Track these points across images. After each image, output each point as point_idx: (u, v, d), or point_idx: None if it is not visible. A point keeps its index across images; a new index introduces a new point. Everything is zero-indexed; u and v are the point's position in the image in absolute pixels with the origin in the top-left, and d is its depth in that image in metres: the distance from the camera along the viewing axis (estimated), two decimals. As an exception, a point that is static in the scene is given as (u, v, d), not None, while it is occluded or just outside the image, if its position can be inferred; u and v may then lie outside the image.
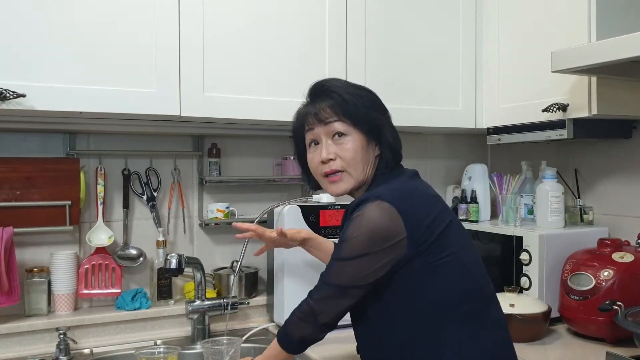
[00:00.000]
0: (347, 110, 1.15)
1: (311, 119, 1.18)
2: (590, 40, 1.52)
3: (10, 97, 1.33)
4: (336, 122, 1.15)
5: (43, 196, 1.65)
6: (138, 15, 1.49)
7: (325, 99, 1.17)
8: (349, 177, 1.16)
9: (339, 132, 1.15)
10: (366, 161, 1.17)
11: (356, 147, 1.15)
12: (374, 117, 1.17)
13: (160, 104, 1.52)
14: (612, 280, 1.54)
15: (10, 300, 1.57)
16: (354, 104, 1.16)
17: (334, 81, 1.22)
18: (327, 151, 1.16)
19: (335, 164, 1.16)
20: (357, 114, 1.16)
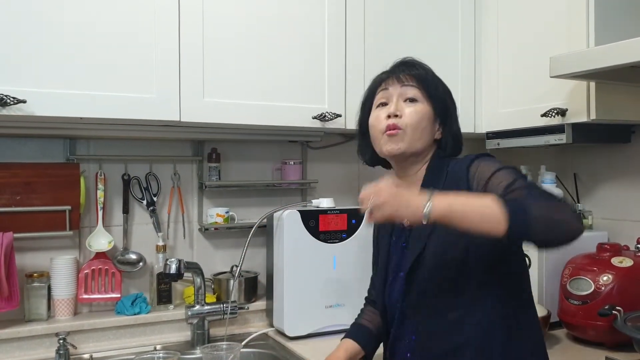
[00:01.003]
0: (426, 82, 1.20)
1: (390, 79, 1.21)
2: (589, 45, 1.53)
3: (10, 103, 1.34)
4: (412, 88, 1.19)
5: (43, 201, 1.65)
6: (138, 20, 1.49)
7: (410, 68, 1.22)
8: (405, 137, 1.16)
9: (412, 97, 1.19)
10: (427, 133, 1.18)
11: (423, 114, 1.18)
12: (445, 101, 1.22)
13: (160, 109, 1.52)
14: (612, 285, 1.54)
15: (10, 305, 1.57)
16: (433, 82, 1.22)
17: (421, 62, 1.26)
18: (396, 107, 1.18)
19: (399, 120, 1.17)
20: (435, 88, 1.20)
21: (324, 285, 1.74)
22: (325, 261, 1.75)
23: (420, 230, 1.13)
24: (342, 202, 2.03)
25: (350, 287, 1.78)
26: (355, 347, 1.32)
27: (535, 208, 0.96)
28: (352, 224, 1.79)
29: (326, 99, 1.74)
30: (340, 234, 1.78)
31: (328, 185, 2.09)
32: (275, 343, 1.73)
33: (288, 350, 1.65)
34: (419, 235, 1.15)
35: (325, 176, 2.09)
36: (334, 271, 1.76)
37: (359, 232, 1.80)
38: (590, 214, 1.92)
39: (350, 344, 1.32)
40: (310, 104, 1.72)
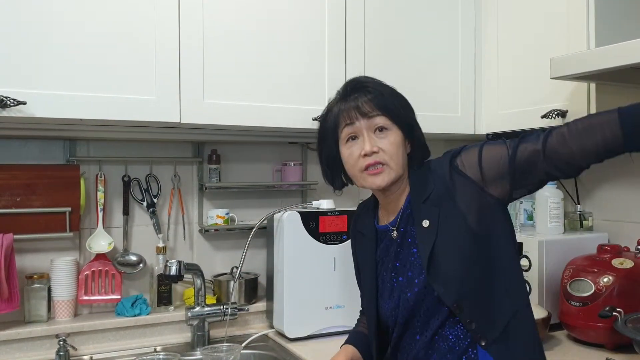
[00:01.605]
0: (386, 105, 1.17)
1: (352, 113, 1.17)
2: (589, 46, 1.53)
3: (10, 105, 1.34)
4: (378, 117, 1.16)
5: (43, 203, 1.65)
6: (138, 22, 1.49)
7: (364, 94, 1.17)
8: (390, 170, 1.16)
9: (381, 126, 1.16)
10: (403, 155, 1.18)
11: (397, 141, 1.16)
12: (407, 116, 1.20)
13: (161, 110, 1.52)
14: (612, 286, 1.53)
15: (10, 306, 1.57)
16: (391, 101, 1.18)
17: (369, 79, 1.23)
18: (371, 144, 1.15)
19: (378, 156, 1.15)
20: (395, 110, 1.18)
21: (324, 287, 1.74)
22: (326, 262, 1.75)
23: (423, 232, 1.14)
24: (342, 204, 2.03)
25: (351, 289, 1.77)
26: (355, 352, 1.32)
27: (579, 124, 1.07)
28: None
29: (326, 101, 1.71)
30: (340, 235, 1.78)
31: (328, 186, 2.07)
32: (275, 344, 1.73)
33: (288, 352, 1.65)
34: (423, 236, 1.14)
35: (325, 177, 2.08)
36: (334, 272, 1.76)
37: (359, 234, 1.80)
38: (590, 216, 1.92)
39: (350, 349, 1.32)
40: (310, 106, 1.71)
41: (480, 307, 1.10)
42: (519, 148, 1.09)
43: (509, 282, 1.13)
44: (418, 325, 1.15)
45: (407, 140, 1.20)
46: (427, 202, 1.15)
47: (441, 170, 1.16)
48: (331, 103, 1.23)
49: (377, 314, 1.24)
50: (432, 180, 1.16)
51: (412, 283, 1.14)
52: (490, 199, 1.11)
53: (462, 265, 1.10)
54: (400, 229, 1.19)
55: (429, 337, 1.14)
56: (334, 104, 1.22)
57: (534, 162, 1.07)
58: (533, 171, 1.08)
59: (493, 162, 1.10)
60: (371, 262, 1.26)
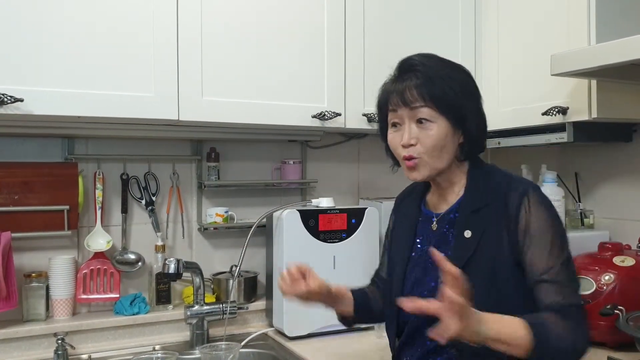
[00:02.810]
0: (434, 94, 1.08)
1: (395, 99, 1.10)
2: (590, 43, 1.52)
3: (7, 102, 1.33)
4: (422, 108, 1.08)
5: (41, 201, 1.64)
6: (136, 18, 1.49)
7: (412, 78, 1.09)
8: (424, 165, 1.10)
9: (424, 118, 1.09)
10: (448, 149, 1.10)
11: (440, 134, 1.08)
12: (461, 105, 1.09)
13: (159, 108, 1.51)
14: (613, 284, 1.52)
15: (8, 305, 1.56)
16: (442, 88, 1.08)
17: (425, 58, 1.13)
18: (409, 136, 1.09)
19: (414, 149, 1.09)
20: (445, 99, 1.08)
21: (323, 285, 1.73)
22: (325, 261, 1.74)
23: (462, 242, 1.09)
24: (341, 202, 2.03)
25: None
26: (349, 295, 1.27)
27: (557, 341, 0.99)
28: (352, 223, 1.79)
29: (325, 98, 1.74)
30: (340, 233, 1.77)
31: (328, 184, 2.08)
32: (274, 343, 1.72)
33: (288, 351, 1.64)
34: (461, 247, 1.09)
35: (324, 176, 2.08)
36: (333, 271, 1.75)
37: (358, 232, 1.79)
38: (591, 213, 1.91)
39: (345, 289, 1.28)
40: (310, 103, 1.71)
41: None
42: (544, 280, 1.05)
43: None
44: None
45: (459, 131, 1.11)
46: (477, 213, 1.09)
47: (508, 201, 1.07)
48: (386, 80, 1.17)
49: (402, 292, 1.17)
50: (491, 195, 1.09)
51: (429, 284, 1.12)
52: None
53: (485, 289, 1.04)
54: (441, 225, 1.14)
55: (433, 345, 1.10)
56: (387, 81, 1.17)
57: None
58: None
59: (534, 264, 1.06)
60: (409, 240, 1.19)
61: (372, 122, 1.80)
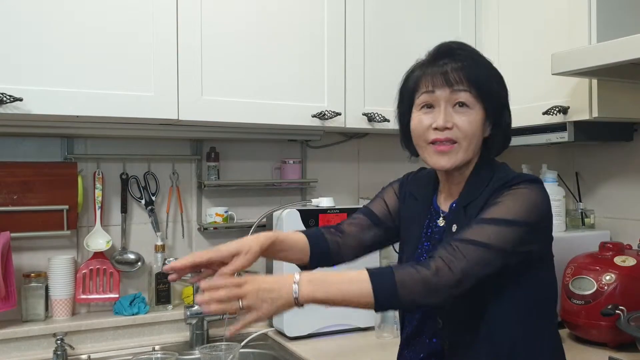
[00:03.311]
0: (478, 79, 1.04)
1: (437, 79, 1.04)
2: (590, 42, 1.51)
3: (7, 101, 1.33)
4: (464, 92, 1.03)
5: (40, 201, 1.64)
6: (136, 18, 1.48)
7: (456, 60, 1.05)
8: (460, 150, 1.04)
9: (463, 102, 1.03)
10: (478, 139, 1.06)
11: (477, 122, 1.04)
12: (501, 95, 1.07)
13: (159, 107, 1.51)
14: (614, 284, 1.52)
15: (8, 305, 1.56)
16: (486, 74, 1.05)
17: (462, 45, 1.09)
18: (446, 118, 1.03)
19: (452, 133, 1.03)
20: (487, 85, 1.04)
21: (323, 285, 1.73)
22: (325, 261, 1.73)
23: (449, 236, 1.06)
24: (341, 201, 2.02)
25: (351, 287, 1.76)
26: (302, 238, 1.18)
27: (401, 276, 0.93)
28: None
29: (326, 97, 1.73)
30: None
31: (328, 184, 2.08)
32: (274, 343, 1.71)
33: (288, 351, 1.63)
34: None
35: (324, 175, 2.07)
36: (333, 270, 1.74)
37: (359, 232, 1.78)
38: (592, 213, 1.91)
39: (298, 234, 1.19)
40: (310, 102, 1.70)
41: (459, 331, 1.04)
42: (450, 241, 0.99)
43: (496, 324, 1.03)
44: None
45: (489, 123, 1.07)
46: (466, 207, 1.06)
47: (492, 186, 1.04)
48: (415, 65, 1.11)
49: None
50: (484, 190, 1.05)
51: None
52: None
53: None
54: (446, 221, 1.12)
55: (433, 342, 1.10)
56: (417, 66, 1.10)
57: None
58: None
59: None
60: (417, 234, 1.15)
61: (372, 121, 1.79)
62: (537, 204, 1.02)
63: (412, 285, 0.93)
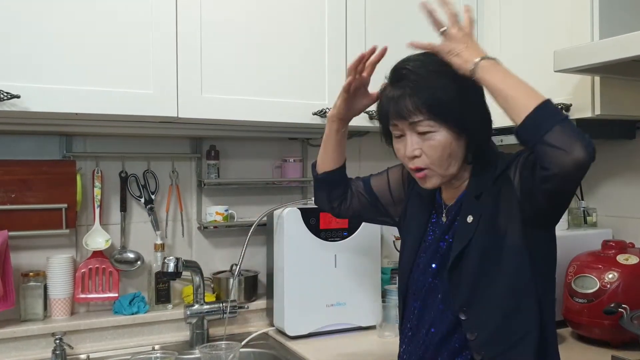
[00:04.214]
0: (430, 104, 1.03)
1: (393, 113, 1.07)
2: (593, 39, 1.50)
3: (4, 98, 1.31)
4: (421, 122, 1.04)
5: (39, 199, 1.63)
6: (135, 14, 1.47)
7: (407, 88, 1.05)
8: (433, 174, 1.08)
9: (425, 131, 1.05)
10: (456, 155, 1.07)
11: (444, 144, 1.05)
12: (459, 110, 1.05)
13: (158, 105, 1.50)
14: (617, 282, 1.51)
15: (6, 305, 1.54)
16: (435, 96, 1.03)
17: (417, 63, 1.09)
18: (412, 147, 1.06)
19: (419, 161, 1.06)
20: (442, 107, 1.03)
21: (324, 284, 1.72)
22: (326, 260, 1.73)
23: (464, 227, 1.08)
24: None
25: (352, 286, 1.76)
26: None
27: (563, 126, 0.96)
28: (353, 222, 1.77)
29: (326, 95, 1.72)
30: (341, 232, 1.75)
31: (328, 182, 2.06)
32: (275, 343, 1.70)
33: (288, 350, 1.63)
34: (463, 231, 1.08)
35: (325, 174, 2.06)
36: (335, 270, 1.74)
37: (360, 230, 1.78)
38: (594, 211, 1.90)
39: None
40: (310, 100, 1.69)
41: (487, 320, 1.05)
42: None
43: (528, 304, 1.05)
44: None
45: (462, 133, 1.06)
46: (478, 198, 1.08)
47: (500, 170, 1.07)
48: (381, 90, 1.14)
49: (407, 280, 1.18)
50: (490, 177, 1.07)
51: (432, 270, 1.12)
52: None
53: (484, 270, 1.04)
54: (450, 216, 1.13)
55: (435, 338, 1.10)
56: (386, 86, 1.13)
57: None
58: None
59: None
60: (421, 225, 1.18)
61: (373, 119, 1.78)
62: None
63: (570, 132, 0.97)
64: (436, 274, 1.12)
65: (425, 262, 1.15)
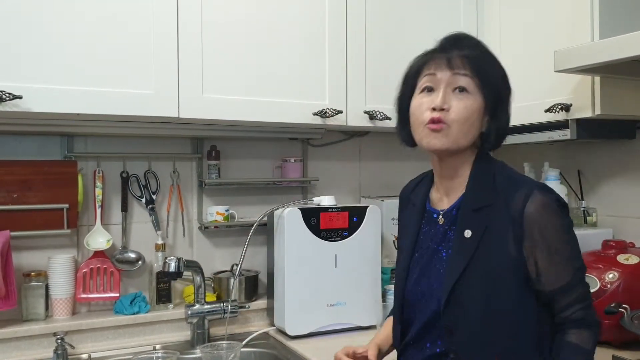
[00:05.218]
0: (481, 67, 1.05)
1: (438, 62, 1.06)
2: (593, 39, 1.51)
3: (6, 99, 1.32)
4: (465, 77, 1.04)
5: (40, 199, 1.63)
6: (136, 15, 1.47)
7: (464, 49, 1.06)
8: (449, 133, 1.04)
9: (463, 87, 1.04)
10: (474, 128, 1.06)
11: (473, 109, 1.04)
12: (501, 90, 1.08)
13: (159, 105, 1.50)
14: (618, 282, 1.51)
15: (8, 304, 1.55)
16: (491, 65, 1.07)
17: (470, 36, 1.11)
18: (444, 99, 1.03)
19: (445, 114, 1.04)
20: (491, 77, 1.06)
21: (325, 284, 1.72)
22: (327, 259, 1.73)
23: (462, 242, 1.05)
24: (343, 200, 2.02)
25: (352, 286, 1.76)
26: (387, 337, 1.26)
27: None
28: (354, 221, 1.77)
29: (327, 95, 1.73)
30: (341, 232, 1.76)
31: (329, 182, 2.07)
32: (276, 342, 1.71)
33: (289, 350, 1.63)
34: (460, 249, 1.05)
35: (326, 174, 2.07)
36: (335, 269, 1.74)
37: (360, 230, 1.78)
38: (594, 211, 1.90)
39: (382, 335, 1.27)
40: (311, 100, 1.70)
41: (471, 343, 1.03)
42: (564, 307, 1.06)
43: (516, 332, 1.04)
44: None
45: (486, 114, 1.06)
46: (478, 212, 1.05)
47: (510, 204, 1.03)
48: (422, 53, 1.13)
49: (404, 290, 1.15)
50: (494, 194, 1.05)
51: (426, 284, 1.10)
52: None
53: (485, 294, 1.02)
54: (444, 222, 1.11)
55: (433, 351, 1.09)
56: (424, 53, 1.12)
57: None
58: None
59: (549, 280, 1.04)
60: (413, 238, 1.16)
61: (373, 119, 1.79)
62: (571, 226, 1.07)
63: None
64: (430, 288, 1.09)
65: (418, 274, 1.13)
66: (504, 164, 1.13)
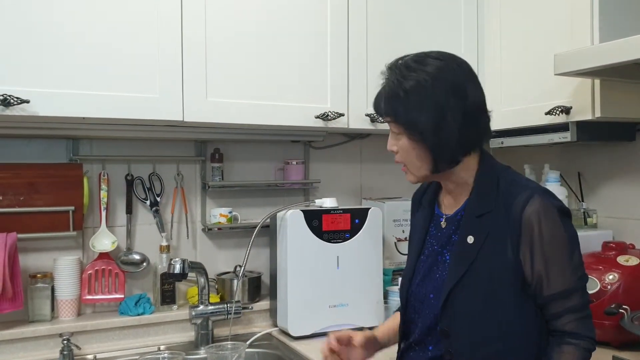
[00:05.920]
0: (395, 109, 1.07)
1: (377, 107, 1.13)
2: (593, 42, 1.52)
3: (14, 103, 1.34)
4: (391, 123, 1.10)
5: (46, 202, 1.65)
6: (141, 19, 1.49)
7: (386, 87, 1.09)
8: (410, 170, 1.11)
9: (396, 132, 1.10)
10: (422, 159, 1.08)
11: (406, 147, 1.08)
12: (415, 122, 1.04)
13: (164, 109, 1.52)
14: (618, 283, 1.52)
15: (14, 306, 1.56)
16: (405, 103, 1.05)
17: (400, 65, 1.08)
18: (390, 143, 1.12)
19: (398, 156, 1.12)
20: (405, 116, 1.06)
21: (327, 285, 1.74)
22: (329, 261, 1.75)
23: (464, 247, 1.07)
24: (345, 202, 2.03)
25: (354, 287, 1.77)
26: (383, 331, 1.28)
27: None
28: (356, 223, 1.79)
29: (329, 99, 1.74)
30: (343, 233, 1.77)
31: (331, 185, 2.08)
32: (279, 343, 1.72)
33: (292, 350, 1.64)
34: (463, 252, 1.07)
35: (327, 176, 2.08)
36: (337, 271, 1.75)
37: (362, 232, 1.79)
38: (594, 213, 1.91)
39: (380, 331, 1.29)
40: (313, 104, 1.71)
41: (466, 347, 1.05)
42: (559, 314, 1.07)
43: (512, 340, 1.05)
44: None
45: (428, 142, 1.06)
46: (480, 218, 1.07)
47: (508, 200, 1.05)
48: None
49: (408, 291, 1.18)
50: (497, 199, 1.06)
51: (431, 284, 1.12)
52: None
53: (484, 299, 1.04)
54: (449, 226, 1.13)
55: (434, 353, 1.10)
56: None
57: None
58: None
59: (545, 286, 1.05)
60: (421, 239, 1.19)
61: (375, 122, 1.80)
62: (574, 237, 1.07)
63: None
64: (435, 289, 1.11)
65: (423, 275, 1.14)
66: (508, 169, 1.14)
